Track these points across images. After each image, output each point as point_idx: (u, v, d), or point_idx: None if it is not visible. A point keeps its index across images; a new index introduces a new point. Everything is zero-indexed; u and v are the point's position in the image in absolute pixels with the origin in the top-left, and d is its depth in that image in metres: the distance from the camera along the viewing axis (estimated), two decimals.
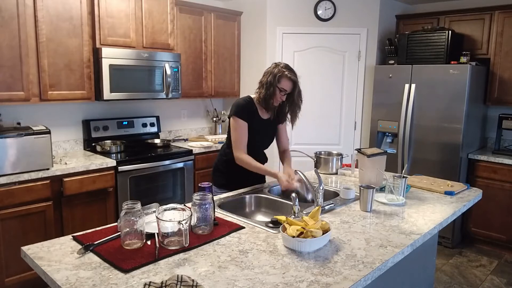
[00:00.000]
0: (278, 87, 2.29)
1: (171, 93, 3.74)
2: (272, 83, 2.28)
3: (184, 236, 1.53)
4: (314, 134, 4.35)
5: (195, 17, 4.02)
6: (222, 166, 2.53)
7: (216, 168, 2.58)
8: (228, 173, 2.50)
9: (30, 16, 2.93)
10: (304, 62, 4.27)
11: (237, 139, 2.36)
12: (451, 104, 3.68)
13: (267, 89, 2.30)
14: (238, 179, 2.45)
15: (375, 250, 1.58)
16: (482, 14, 3.88)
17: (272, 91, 2.29)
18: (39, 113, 3.36)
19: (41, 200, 2.82)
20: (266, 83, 2.30)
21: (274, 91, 2.29)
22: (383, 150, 2.72)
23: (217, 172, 2.57)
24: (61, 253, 1.49)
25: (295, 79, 2.30)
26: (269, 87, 2.29)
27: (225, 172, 2.51)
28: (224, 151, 2.54)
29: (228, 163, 2.46)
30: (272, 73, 2.29)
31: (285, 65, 2.33)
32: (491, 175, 3.74)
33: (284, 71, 2.28)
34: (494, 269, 3.46)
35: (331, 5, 4.17)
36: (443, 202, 2.24)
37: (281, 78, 2.27)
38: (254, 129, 2.40)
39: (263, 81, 2.33)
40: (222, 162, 2.53)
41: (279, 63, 2.34)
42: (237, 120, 2.34)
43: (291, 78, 2.28)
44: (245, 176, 2.42)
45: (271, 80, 2.28)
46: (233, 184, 2.45)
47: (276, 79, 2.27)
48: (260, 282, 1.32)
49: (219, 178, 2.54)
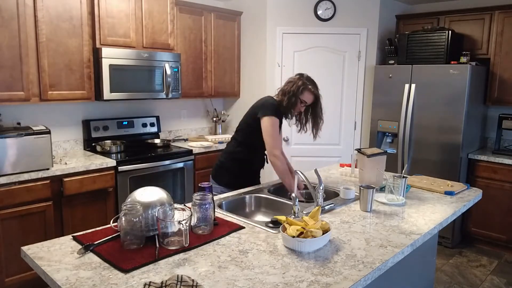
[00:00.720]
0: (300, 98, 2.37)
1: (171, 93, 3.74)
2: (295, 94, 2.35)
3: (184, 236, 1.53)
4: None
5: (195, 17, 4.02)
6: (230, 164, 2.51)
7: (222, 165, 2.55)
8: (235, 172, 2.50)
9: (30, 16, 2.93)
10: (304, 62, 4.27)
11: (277, 137, 2.37)
12: (451, 104, 3.68)
13: (289, 99, 2.36)
14: (243, 179, 2.47)
15: (375, 250, 1.58)
16: (482, 14, 3.88)
17: (294, 101, 2.37)
18: (39, 113, 3.36)
19: (41, 200, 2.82)
20: (289, 93, 2.36)
21: (296, 101, 2.37)
22: (383, 150, 2.72)
23: (222, 169, 2.54)
24: (61, 253, 1.49)
25: (317, 93, 2.40)
26: (291, 97, 2.36)
27: (232, 171, 2.50)
28: (234, 149, 2.52)
29: (236, 162, 2.47)
30: (296, 84, 2.36)
31: (308, 77, 2.41)
32: (491, 175, 3.74)
33: (308, 84, 2.37)
34: (494, 269, 3.46)
35: (331, 5, 4.17)
36: (443, 202, 2.24)
37: (304, 91, 2.36)
38: None
39: (286, 90, 2.39)
40: (230, 160, 2.51)
41: (303, 75, 2.42)
42: (274, 120, 2.35)
43: (314, 92, 2.38)
44: (250, 176, 2.43)
45: (295, 91, 2.35)
46: (238, 183, 2.46)
47: (300, 91, 2.35)
48: (260, 282, 1.32)
49: (223, 177, 2.52)
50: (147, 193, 1.68)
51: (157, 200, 1.65)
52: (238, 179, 2.48)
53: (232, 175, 2.51)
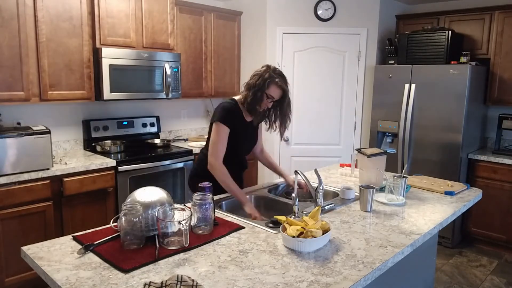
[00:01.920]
0: (266, 93, 2.15)
1: (171, 93, 3.74)
2: (260, 88, 2.14)
3: (184, 236, 1.53)
4: (314, 134, 4.34)
5: (195, 17, 4.02)
6: (202, 172, 2.30)
7: (195, 173, 2.42)
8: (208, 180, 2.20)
9: (30, 16, 2.93)
10: (304, 62, 4.27)
11: (217, 146, 2.20)
12: (451, 104, 3.68)
13: (255, 94, 2.15)
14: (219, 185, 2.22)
15: (375, 250, 1.58)
16: (482, 14, 3.88)
17: (260, 96, 2.15)
18: (39, 113, 3.36)
19: (41, 200, 2.82)
20: (254, 87, 2.15)
21: (261, 96, 2.15)
22: (383, 150, 2.72)
23: (195, 177, 2.35)
24: (61, 253, 1.49)
25: (285, 88, 2.17)
26: (256, 91, 2.15)
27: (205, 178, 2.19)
28: (204, 157, 2.35)
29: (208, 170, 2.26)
30: (262, 77, 2.14)
31: (276, 69, 2.18)
32: (491, 175, 3.74)
33: (275, 77, 2.14)
34: (494, 269, 3.46)
35: (331, 5, 4.17)
36: (443, 202, 2.24)
37: (271, 84, 2.14)
38: (238, 132, 2.27)
39: (251, 84, 2.18)
40: (202, 169, 2.31)
41: (270, 67, 2.19)
42: (221, 126, 2.20)
43: (281, 86, 2.16)
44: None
45: (260, 85, 2.14)
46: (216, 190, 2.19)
47: (266, 85, 2.13)
48: (260, 282, 1.32)
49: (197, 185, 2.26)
50: (147, 193, 1.68)
51: (157, 200, 1.65)
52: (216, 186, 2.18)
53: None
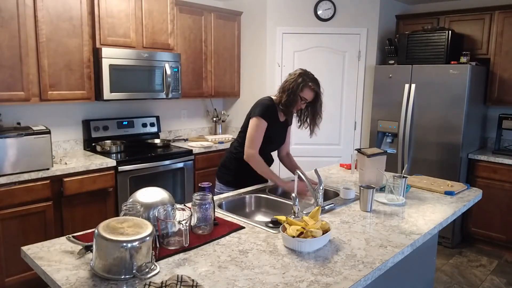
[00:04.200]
0: (300, 95, 2.32)
1: (171, 93, 3.74)
2: (295, 91, 2.31)
3: (184, 236, 1.53)
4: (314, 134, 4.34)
5: (195, 17, 4.02)
6: (230, 163, 2.54)
7: (224, 164, 2.59)
8: (236, 171, 2.51)
9: (30, 16, 2.93)
10: (304, 62, 4.27)
11: (256, 138, 2.36)
12: (451, 104, 3.68)
13: (289, 96, 2.33)
14: (245, 178, 2.47)
15: (375, 250, 1.58)
16: (482, 14, 3.88)
17: (294, 98, 2.33)
18: (39, 113, 3.36)
19: (41, 200, 2.82)
20: (289, 90, 2.33)
21: (295, 99, 2.33)
22: (383, 150, 2.72)
23: (223, 168, 2.58)
24: (61, 253, 1.49)
25: (317, 90, 2.35)
26: (290, 94, 2.32)
27: (232, 170, 2.52)
28: (235, 148, 2.54)
29: (237, 161, 2.47)
30: (296, 81, 2.32)
31: (308, 73, 2.36)
32: (491, 175, 3.74)
33: (308, 81, 2.32)
34: (494, 269, 3.46)
35: (331, 5, 4.17)
36: (443, 202, 2.24)
37: (305, 88, 2.32)
38: (272, 130, 2.43)
39: (286, 88, 2.35)
40: (231, 160, 2.54)
41: (304, 71, 2.37)
42: (261, 121, 2.35)
43: (314, 89, 2.34)
44: (252, 176, 2.43)
45: (295, 88, 2.31)
46: (239, 182, 2.47)
47: (300, 88, 2.31)
48: (260, 282, 1.32)
49: (225, 175, 2.55)
50: (148, 194, 1.68)
51: (159, 201, 1.65)
52: (240, 178, 2.49)
53: (233, 174, 2.52)
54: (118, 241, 1.28)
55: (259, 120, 2.36)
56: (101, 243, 1.29)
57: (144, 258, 1.33)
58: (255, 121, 2.37)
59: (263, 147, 2.41)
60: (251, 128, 2.38)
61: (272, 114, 2.41)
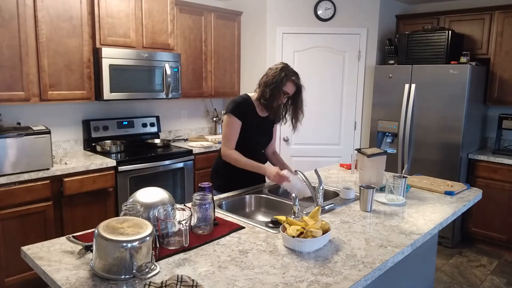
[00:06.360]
0: (283, 89, 2.30)
1: (171, 93, 3.74)
2: (277, 85, 2.29)
3: (184, 236, 1.53)
4: (314, 134, 4.34)
5: (195, 17, 4.02)
6: (220, 168, 2.50)
7: (215, 170, 2.56)
8: (227, 175, 2.47)
9: (30, 16, 2.93)
10: (304, 62, 4.27)
11: (227, 136, 2.35)
12: (451, 104, 3.68)
13: (272, 90, 2.30)
14: (237, 181, 2.43)
15: (375, 250, 1.58)
16: (482, 14, 3.88)
17: (277, 92, 2.30)
18: (39, 113, 3.36)
19: (41, 200, 2.82)
20: (272, 84, 2.30)
21: (278, 92, 2.30)
22: (383, 150, 2.72)
23: (215, 174, 2.54)
24: (61, 253, 1.49)
25: (299, 84, 2.34)
26: (274, 88, 2.29)
27: (223, 174, 2.48)
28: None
29: (226, 165, 2.42)
30: (279, 75, 2.29)
31: (289, 67, 2.34)
32: (491, 175, 3.74)
33: (291, 75, 2.30)
34: (494, 269, 3.46)
35: (331, 5, 4.17)
36: (443, 202, 2.24)
37: (287, 81, 2.29)
38: (252, 126, 2.40)
39: (269, 82, 2.32)
40: (221, 165, 2.48)
41: (285, 65, 2.34)
42: (231, 118, 2.34)
43: (296, 83, 2.32)
44: (244, 178, 2.40)
45: (278, 82, 2.28)
46: (232, 186, 2.42)
47: (283, 82, 2.28)
48: (260, 282, 1.32)
49: (217, 181, 2.50)
50: (148, 194, 1.68)
51: (159, 201, 1.65)
52: (232, 182, 2.43)
53: (224, 178, 2.47)
54: (118, 241, 1.28)
55: (229, 117, 2.35)
56: (101, 243, 1.29)
57: (144, 258, 1.33)
58: (225, 118, 2.37)
59: (247, 145, 2.38)
60: (223, 127, 2.38)
61: (247, 110, 2.39)
